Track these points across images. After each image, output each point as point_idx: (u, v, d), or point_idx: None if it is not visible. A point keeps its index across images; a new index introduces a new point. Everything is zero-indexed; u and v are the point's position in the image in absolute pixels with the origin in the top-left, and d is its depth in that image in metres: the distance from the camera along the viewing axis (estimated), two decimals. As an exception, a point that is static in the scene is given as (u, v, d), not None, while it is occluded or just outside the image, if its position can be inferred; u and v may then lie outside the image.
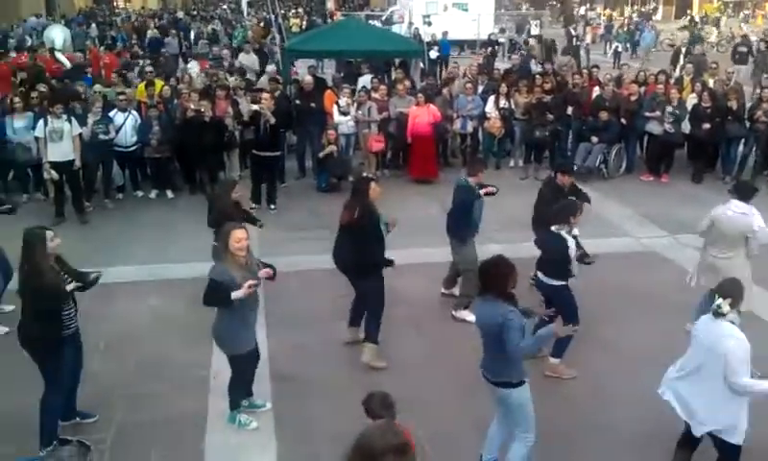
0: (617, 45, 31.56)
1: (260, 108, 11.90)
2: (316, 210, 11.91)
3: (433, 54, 23.10)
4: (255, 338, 6.42)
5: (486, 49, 26.95)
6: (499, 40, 30.77)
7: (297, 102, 14.12)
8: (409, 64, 18.97)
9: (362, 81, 16.29)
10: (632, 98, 14.26)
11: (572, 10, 44.46)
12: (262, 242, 9.43)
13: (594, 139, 13.74)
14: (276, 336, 7.81)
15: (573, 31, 30.00)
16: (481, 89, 15.43)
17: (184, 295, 8.52)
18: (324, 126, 13.61)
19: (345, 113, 13.78)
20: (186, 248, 9.99)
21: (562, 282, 6.98)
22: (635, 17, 44.06)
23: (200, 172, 12.91)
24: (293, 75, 16.35)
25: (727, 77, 15.77)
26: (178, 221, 11.35)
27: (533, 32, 34.29)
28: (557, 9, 49.34)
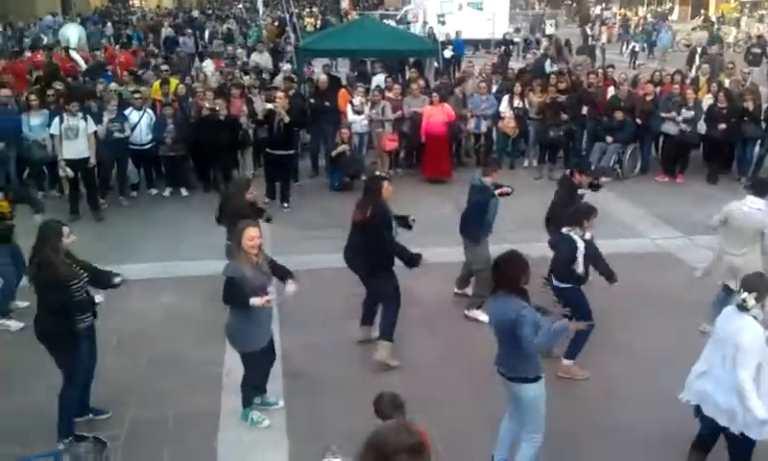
0: (634, 45, 31.38)
1: (275, 106, 11.93)
2: (329, 209, 11.91)
3: (447, 53, 23.05)
4: (271, 336, 6.43)
5: (500, 48, 26.88)
6: (514, 40, 30.68)
7: (311, 100, 14.15)
8: (423, 64, 18.92)
9: (376, 80, 16.29)
10: (647, 98, 14.17)
11: (588, 9, 44.28)
12: (275, 241, 9.45)
13: (609, 139, 13.68)
14: (289, 334, 7.81)
15: (589, 30, 29.86)
16: (495, 89, 15.39)
17: (198, 292, 8.57)
18: (339, 125, 13.64)
19: (359, 112, 13.79)
20: (200, 245, 10.01)
21: (571, 285, 6.95)
22: (649, 17, 43.77)
23: (214, 170, 12.97)
24: (310, 74, 16.36)
25: (743, 77, 15.62)
26: (191, 219, 11.38)
27: (547, 31, 34.17)
28: (572, 8, 49.15)
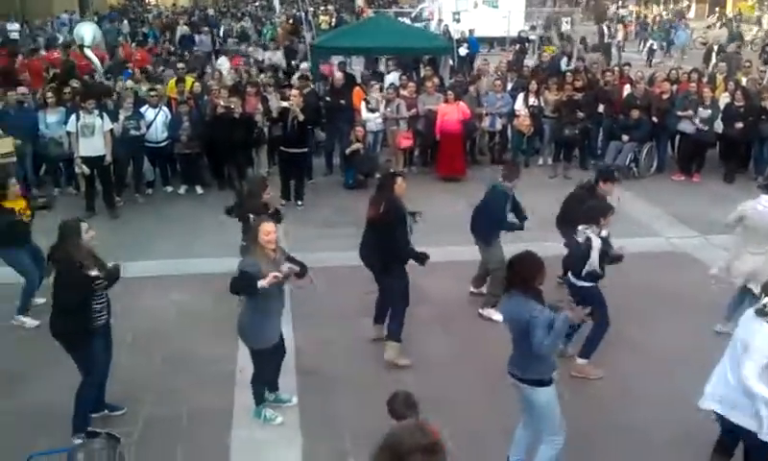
0: (652, 43, 31.15)
1: (289, 104, 11.94)
2: (343, 207, 11.92)
3: (462, 51, 22.99)
4: (281, 333, 6.43)
5: (515, 46, 26.77)
6: (530, 37, 30.54)
7: (326, 99, 14.15)
8: (438, 62, 18.88)
9: (390, 78, 16.26)
10: (664, 96, 14.07)
11: (604, 7, 43.99)
12: (289, 238, 9.45)
13: (625, 138, 13.59)
14: (303, 331, 7.82)
15: (606, 28, 29.67)
16: (510, 87, 15.33)
17: (212, 290, 8.58)
18: (353, 123, 13.62)
19: (373, 110, 13.78)
20: (214, 243, 10.04)
21: (588, 284, 6.89)
22: (665, 15, 43.43)
23: (228, 168, 12.98)
24: (329, 73, 16.33)
25: (760, 76, 15.47)
26: (206, 216, 11.40)
27: (562, 29, 34.00)
28: (589, 6, 48.87)
